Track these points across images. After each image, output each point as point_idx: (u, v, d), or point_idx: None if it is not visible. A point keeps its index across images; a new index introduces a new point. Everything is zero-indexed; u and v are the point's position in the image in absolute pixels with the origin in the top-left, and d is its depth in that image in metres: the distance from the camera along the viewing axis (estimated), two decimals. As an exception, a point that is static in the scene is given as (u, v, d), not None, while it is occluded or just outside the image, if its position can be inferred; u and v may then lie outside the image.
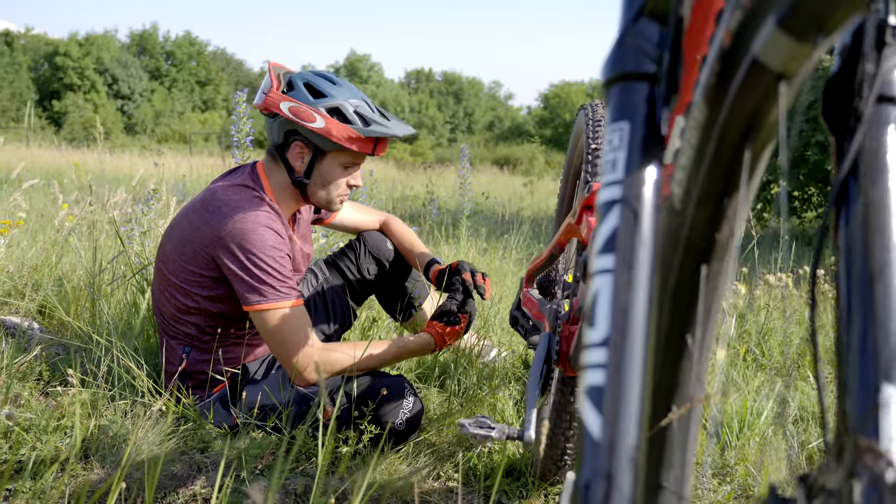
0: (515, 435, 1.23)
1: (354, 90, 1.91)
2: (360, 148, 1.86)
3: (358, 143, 1.85)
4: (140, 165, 13.07)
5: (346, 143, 1.84)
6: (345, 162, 1.90)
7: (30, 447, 1.67)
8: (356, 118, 1.84)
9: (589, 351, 0.56)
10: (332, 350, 1.85)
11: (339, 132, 1.83)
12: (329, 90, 1.86)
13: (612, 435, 0.53)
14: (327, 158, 1.89)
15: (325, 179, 1.91)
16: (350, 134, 1.83)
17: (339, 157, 1.89)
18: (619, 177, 0.60)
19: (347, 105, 1.85)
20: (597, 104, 1.73)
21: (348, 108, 1.84)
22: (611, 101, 0.64)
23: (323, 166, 1.90)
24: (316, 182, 1.92)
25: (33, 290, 2.64)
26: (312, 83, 1.88)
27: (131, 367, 1.92)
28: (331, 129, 1.82)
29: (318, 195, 1.94)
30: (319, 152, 1.88)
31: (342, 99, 1.85)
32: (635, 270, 0.57)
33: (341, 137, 1.83)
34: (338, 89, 1.87)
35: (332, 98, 1.85)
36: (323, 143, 1.86)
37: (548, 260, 1.67)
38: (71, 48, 42.69)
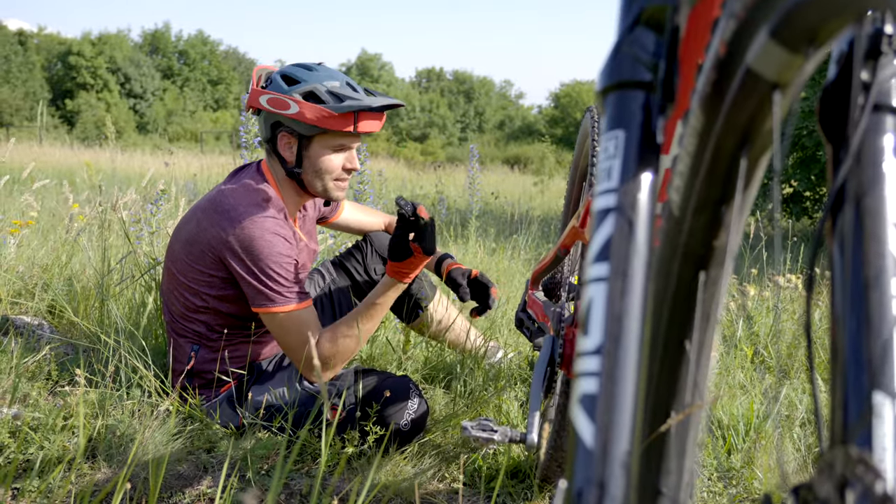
0: (518, 438, 1.23)
1: (334, 73, 1.90)
2: (337, 125, 1.84)
3: (333, 121, 1.83)
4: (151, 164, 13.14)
5: (321, 123, 1.83)
6: (332, 145, 1.89)
7: (37, 446, 1.69)
8: (329, 97, 1.84)
9: (582, 359, 0.57)
10: (336, 340, 1.86)
11: (313, 113, 1.82)
12: (303, 76, 1.87)
13: (605, 442, 0.53)
14: (314, 144, 1.89)
15: (316, 166, 1.91)
16: (322, 113, 1.82)
17: (325, 140, 1.88)
18: (614, 185, 0.60)
19: (320, 87, 1.84)
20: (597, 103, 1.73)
21: (321, 88, 1.84)
22: (607, 110, 0.64)
23: (311, 153, 1.90)
24: (308, 170, 1.92)
25: (43, 290, 2.66)
26: (288, 73, 1.89)
27: (138, 367, 1.93)
28: (304, 111, 1.82)
29: (314, 183, 1.93)
30: (304, 139, 1.88)
31: (315, 82, 1.85)
32: (629, 279, 0.57)
33: (315, 118, 1.83)
34: (312, 74, 1.88)
35: (304, 83, 1.85)
36: (302, 129, 1.86)
37: (553, 262, 1.67)
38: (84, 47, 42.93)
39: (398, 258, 1.82)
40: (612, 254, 0.58)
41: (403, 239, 1.81)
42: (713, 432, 1.96)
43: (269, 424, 1.87)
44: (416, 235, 1.81)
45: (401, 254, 1.82)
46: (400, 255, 1.82)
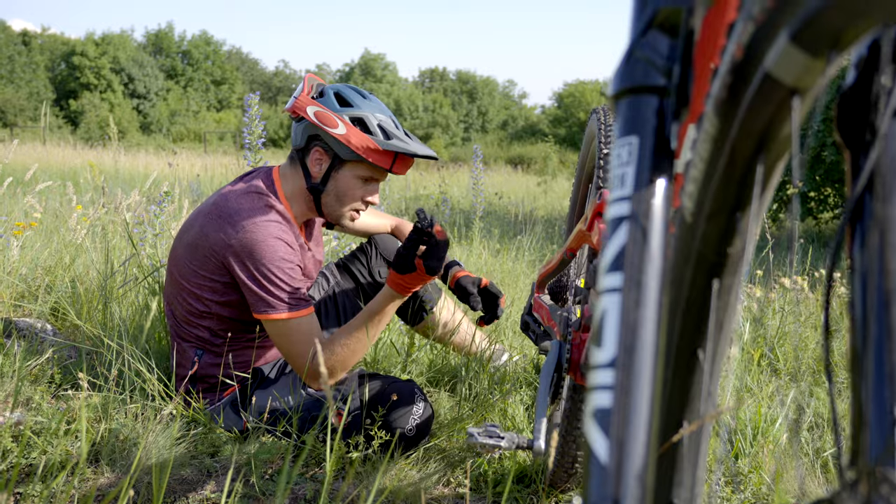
0: (525, 444, 1.21)
1: (383, 107, 1.92)
2: (378, 161, 1.84)
3: (376, 155, 1.84)
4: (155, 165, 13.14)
5: (363, 153, 1.83)
6: (362, 175, 1.89)
7: (40, 451, 1.67)
8: (378, 130, 1.84)
9: (596, 372, 0.55)
10: (325, 348, 1.84)
11: (359, 141, 1.82)
12: (357, 101, 1.87)
13: (620, 458, 0.52)
14: (345, 168, 1.88)
15: (340, 190, 1.90)
16: (369, 144, 1.82)
17: (357, 169, 1.88)
18: (628, 192, 0.58)
19: (372, 117, 1.85)
20: (609, 108, 1.71)
21: (372, 120, 1.85)
22: (619, 115, 0.62)
23: (340, 176, 1.89)
24: (330, 192, 1.91)
25: (46, 293, 2.65)
26: (342, 93, 1.89)
27: (142, 371, 1.92)
28: (350, 136, 1.82)
29: (331, 206, 1.93)
30: (338, 161, 1.87)
31: (367, 111, 1.86)
32: (644, 289, 0.56)
33: (360, 147, 1.83)
34: (366, 102, 1.88)
35: (357, 108, 1.86)
36: (342, 151, 1.85)
37: (559, 265, 1.65)
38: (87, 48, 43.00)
39: (401, 270, 1.80)
40: (626, 263, 0.56)
41: (411, 252, 1.78)
42: (720, 436, 1.95)
43: (274, 429, 1.86)
44: (425, 251, 1.78)
45: (404, 266, 1.79)
46: (403, 268, 1.79)
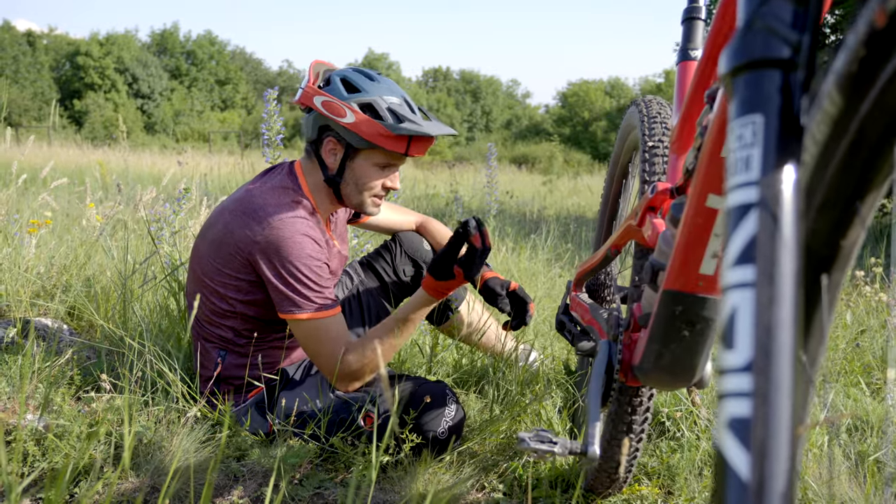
0: (579, 450, 1.15)
1: (393, 87, 1.84)
2: (391, 146, 1.78)
3: (388, 140, 1.77)
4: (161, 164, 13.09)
5: (375, 140, 1.77)
6: (378, 162, 1.83)
7: (62, 455, 1.62)
8: (388, 115, 1.77)
9: (728, 377, 0.49)
10: (354, 350, 1.79)
11: (369, 128, 1.76)
12: (364, 86, 1.80)
13: (763, 474, 0.46)
14: (360, 157, 1.82)
15: (358, 179, 1.84)
16: (380, 131, 1.76)
17: (372, 156, 1.82)
18: (755, 177, 0.52)
19: (381, 101, 1.78)
20: (650, 99, 1.65)
21: (381, 104, 1.77)
22: (737, 93, 0.56)
23: (355, 165, 1.83)
24: (348, 181, 1.85)
25: (62, 292, 2.60)
26: (349, 78, 1.82)
27: (165, 372, 1.86)
28: (360, 124, 1.76)
29: (351, 196, 1.87)
30: (351, 150, 1.82)
31: (375, 95, 1.78)
32: (778, 283, 0.50)
33: (371, 134, 1.76)
34: (374, 85, 1.81)
35: (365, 94, 1.78)
36: (353, 140, 1.79)
37: (601, 263, 1.59)
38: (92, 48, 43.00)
39: (439, 276, 1.75)
40: (758, 255, 0.51)
41: (451, 258, 1.74)
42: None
43: (301, 432, 1.80)
44: (465, 259, 1.73)
45: (443, 273, 1.75)
46: (442, 274, 1.75)
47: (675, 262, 1.05)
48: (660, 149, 1.47)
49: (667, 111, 1.57)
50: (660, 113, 1.56)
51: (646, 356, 1.15)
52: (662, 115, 1.55)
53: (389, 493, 1.68)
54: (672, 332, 1.09)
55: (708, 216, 0.98)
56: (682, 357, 1.11)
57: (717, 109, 0.92)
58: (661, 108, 1.59)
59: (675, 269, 1.05)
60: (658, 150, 1.47)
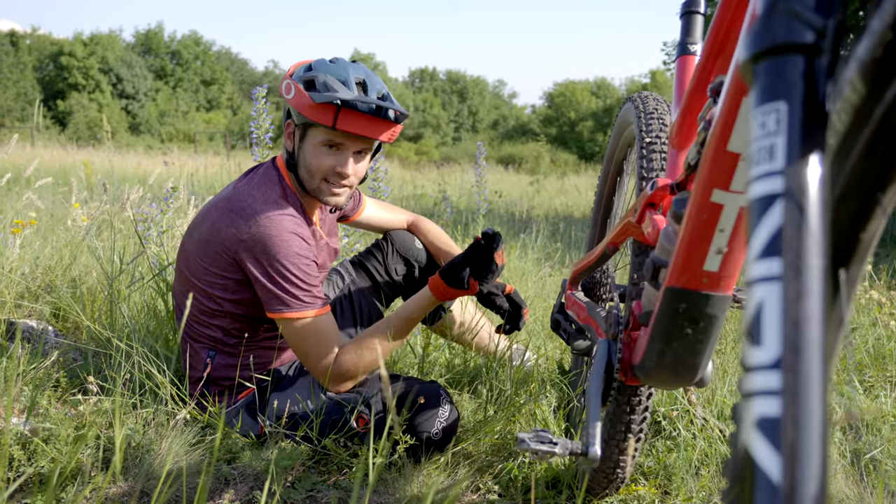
0: (580, 450, 1.13)
1: (354, 69, 1.79)
2: (316, 117, 1.72)
3: (312, 111, 1.72)
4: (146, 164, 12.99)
5: (303, 111, 1.74)
6: (321, 140, 1.78)
7: (49, 459, 1.58)
8: (321, 87, 1.74)
9: (755, 374, 0.47)
10: (352, 350, 1.77)
11: (299, 100, 1.74)
12: (319, 66, 1.79)
13: (795, 477, 0.43)
14: (307, 137, 1.80)
15: (307, 161, 1.81)
16: (307, 102, 1.73)
17: (316, 135, 1.78)
18: (780, 166, 0.50)
19: (321, 76, 1.75)
20: (646, 95, 1.63)
21: (320, 78, 1.74)
22: (758, 80, 0.54)
23: (305, 145, 1.81)
24: (301, 165, 1.83)
25: (47, 293, 2.55)
26: (313, 64, 1.81)
27: (153, 373, 1.82)
28: (296, 99, 1.75)
29: (307, 181, 1.83)
30: (300, 131, 1.80)
31: (323, 72, 1.76)
32: (806, 277, 0.48)
33: (301, 105, 1.74)
34: (330, 66, 1.79)
35: (313, 72, 1.77)
36: (295, 116, 1.78)
37: (598, 260, 1.57)
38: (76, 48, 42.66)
39: (453, 283, 1.76)
40: (785, 247, 0.48)
41: (467, 267, 1.76)
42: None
43: (293, 433, 1.77)
44: (482, 271, 1.76)
45: (457, 281, 1.76)
46: (455, 282, 1.76)
47: (678, 259, 1.03)
48: (657, 145, 1.45)
49: (664, 107, 1.56)
50: (656, 109, 1.55)
51: (647, 355, 1.13)
52: (659, 111, 1.54)
53: (384, 495, 1.66)
54: (675, 330, 1.07)
55: (713, 212, 0.96)
56: (685, 355, 1.10)
57: (723, 103, 0.90)
58: (658, 104, 1.57)
59: (678, 265, 1.03)
60: (656, 146, 1.45)
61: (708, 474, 1.68)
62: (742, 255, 1.00)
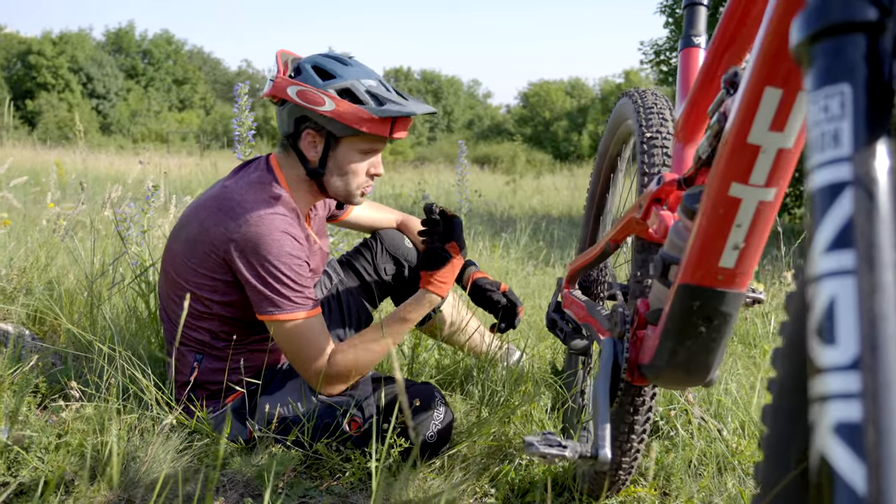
0: (589, 453, 1.10)
1: (367, 69, 1.77)
2: (375, 130, 1.70)
3: (372, 124, 1.69)
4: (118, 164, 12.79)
5: (358, 125, 1.68)
6: (362, 148, 1.75)
7: (31, 468, 1.52)
8: (369, 98, 1.69)
9: (830, 376, 0.44)
10: (347, 352, 1.72)
11: (351, 114, 1.68)
12: (339, 71, 1.72)
13: (881, 487, 0.40)
14: (342, 145, 1.74)
15: (343, 169, 1.76)
16: (362, 115, 1.68)
17: (356, 143, 1.74)
18: (846, 152, 0.47)
19: (359, 85, 1.70)
20: (644, 90, 1.61)
21: (360, 87, 1.70)
22: (816, 62, 0.51)
23: (338, 154, 1.75)
24: (332, 172, 1.77)
25: (23, 295, 2.48)
26: (321, 65, 1.74)
27: (138, 378, 1.76)
28: (341, 111, 1.67)
29: (336, 186, 1.79)
30: (333, 139, 1.73)
31: (352, 79, 1.71)
32: (880, 269, 0.45)
33: (353, 120, 1.68)
34: (348, 69, 1.73)
35: (341, 79, 1.70)
36: (335, 128, 1.71)
37: (598, 258, 1.54)
38: (45, 47, 41.95)
39: (435, 265, 1.71)
40: (857, 238, 0.45)
41: (433, 243, 1.73)
42: (752, 437, 1.85)
43: (283, 438, 1.72)
44: (443, 234, 1.72)
45: (437, 260, 1.72)
46: (436, 262, 1.72)
47: (691, 255, 1.00)
48: (658, 139, 1.43)
49: (663, 102, 1.53)
50: (656, 104, 1.52)
51: (658, 354, 1.10)
52: (659, 106, 1.51)
53: (378, 499, 1.62)
54: (688, 328, 1.05)
55: (730, 206, 0.93)
56: (698, 354, 1.07)
57: (742, 94, 0.88)
58: (657, 98, 1.55)
59: (692, 262, 1.01)
60: (657, 140, 1.43)
61: (708, 475, 1.66)
62: (759, 250, 0.97)
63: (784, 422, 0.71)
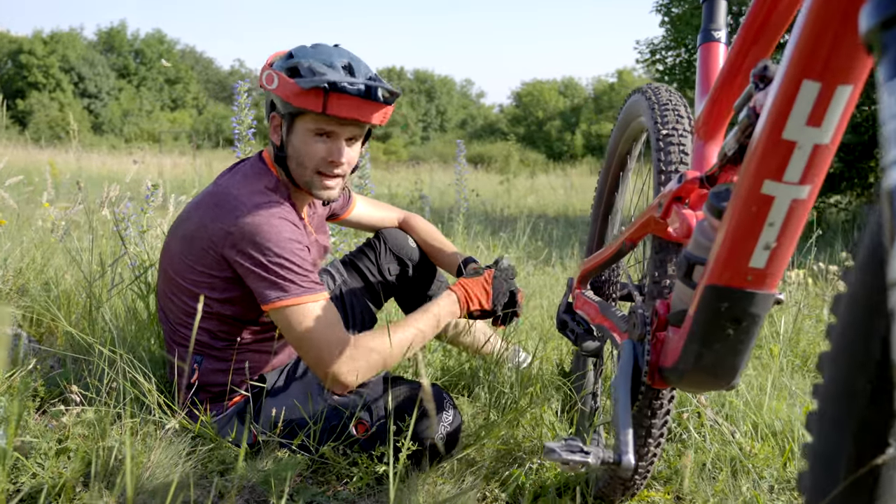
0: (612, 459, 1.07)
1: (339, 54, 1.70)
2: (305, 103, 1.64)
3: (300, 98, 1.63)
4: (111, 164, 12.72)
5: (291, 99, 1.64)
6: (311, 127, 1.70)
7: (30, 474, 1.48)
8: (306, 72, 1.65)
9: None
10: (365, 341, 1.67)
11: (285, 89, 1.65)
12: (301, 53, 1.70)
13: None
14: (296, 127, 1.71)
15: (298, 152, 1.72)
16: (292, 88, 1.64)
17: (305, 122, 1.70)
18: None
19: (304, 62, 1.66)
20: (657, 87, 1.58)
21: (303, 63, 1.65)
22: (889, 50, 0.48)
23: (294, 137, 1.72)
24: (291, 157, 1.74)
25: (20, 296, 2.43)
26: (294, 51, 1.72)
27: (139, 381, 1.72)
28: (281, 87, 1.65)
29: (298, 173, 1.75)
30: (287, 121, 1.71)
31: (305, 58, 1.67)
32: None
33: (287, 94, 1.65)
34: (311, 51, 1.70)
35: (296, 59, 1.68)
36: (281, 107, 1.69)
37: (612, 258, 1.51)
38: (35, 46, 41.71)
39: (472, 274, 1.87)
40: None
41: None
42: (765, 440, 1.83)
43: (289, 441, 1.68)
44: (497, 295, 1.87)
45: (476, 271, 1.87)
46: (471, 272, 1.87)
47: (720, 256, 0.97)
48: (675, 137, 1.40)
49: (677, 98, 1.50)
50: (670, 100, 1.49)
51: (683, 357, 1.07)
52: (674, 102, 1.48)
53: None
54: (715, 330, 1.01)
55: (762, 204, 0.90)
56: (725, 357, 1.04)
57: (778, 88, 0.84)
58: (671, 94, 1.52)
59: (720, 262, 0.97)
60: (673, 137, 1.40)
61: (723, 478, 1.63)
62: (791, 250, 0.94)
63: (832, 429, 0.68)
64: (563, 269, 4.43)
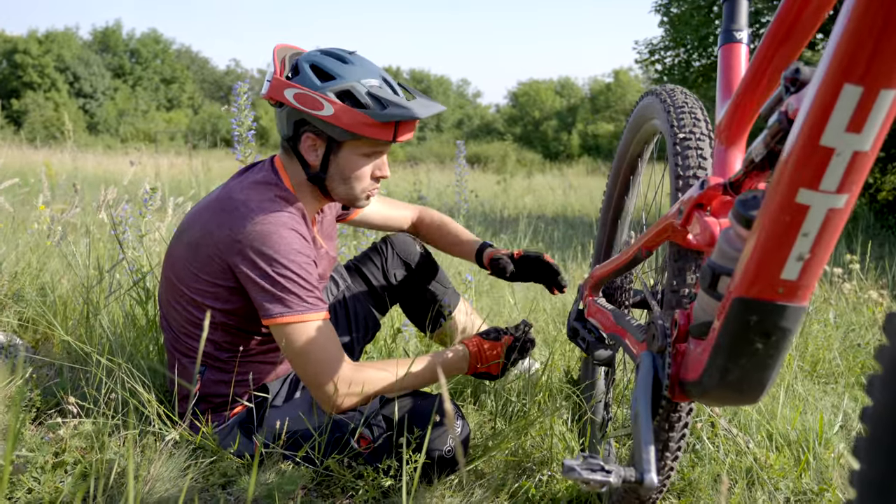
0: (634, 478, 1.02)
1: (370, 67, 1.66)
2: (378, 135, 1.60)
3: (374, 129, 1.60)
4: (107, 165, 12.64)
5: (359, 130, 1.59)
6: (365, 151, 1.66)
7: (25, 489, 1.43)
8: (370, 101, 1.59)
9: None
10: (364, 369, 1.64)
11: (351, 119, 1.58)
12: (338, 70, 1.62)
13: None
14: (344, 149, 1.65)
15: (345, 173, 1.68)
16: (363, 120, 1.58)
17: (358, 147, 1.65)
18: None
19: (359, 86, 1.59)
20: (672, 88, 1.53)
21: (360, 89, 1.59)
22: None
23: (340, 158, 1.66)
24: (334, 177, 1.68)
25: (14, 301, 2.38)
26: (319, 64, 1.63)
27: (138, 391, 1.68)
28: (341, 116, 1.58)
29: (339, 191, 1.71)
30: (334, 143, 1.65)
31: (352, 79, 1.60)
32: None
33: (353, 124, 1.59)
34: (349, 69, 1.63)
35: (341, 80, 1.60)
36: (335, 133, 1.61)
37: (627, 265, 1.47)
38: (30, 45, 41.54)
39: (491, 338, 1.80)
40: None
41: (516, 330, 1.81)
42: (780, 450, 1.79)
43: (293, 454, 1.64)
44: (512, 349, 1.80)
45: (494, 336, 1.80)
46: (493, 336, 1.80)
47: (749, 267, 0.93)
48: (692, 140, 1.35)
49: (693, 100, 1.46)
50: (686, 102, 1.45)
51: (707, 371, 1.02)
52: (690, 105, 1.44)
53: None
54: (743, 344, 0.97)
55: (797, 213, 0.86)
56: (753, 372, 0.99)
57: (816, 92, 0.80)
58: (687, 97, 1.48)
59: (749, 274, 0.93)
60: (690, 141, 1.35)
61: (740, 490, 1.59)
62: (825, 261, 0.90)
63: (884, 457, 0.64)
64: (566, 271, 4.38)
